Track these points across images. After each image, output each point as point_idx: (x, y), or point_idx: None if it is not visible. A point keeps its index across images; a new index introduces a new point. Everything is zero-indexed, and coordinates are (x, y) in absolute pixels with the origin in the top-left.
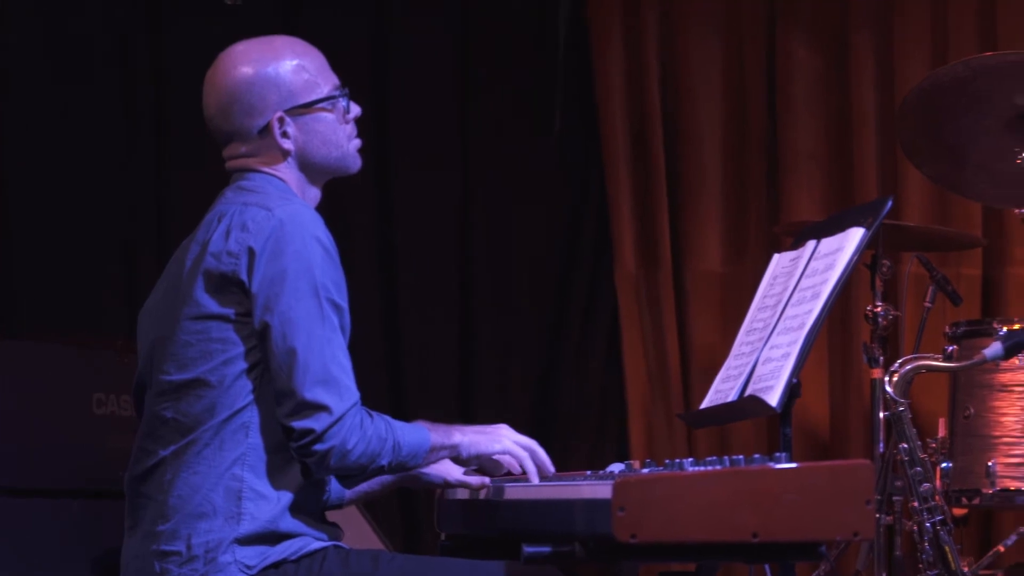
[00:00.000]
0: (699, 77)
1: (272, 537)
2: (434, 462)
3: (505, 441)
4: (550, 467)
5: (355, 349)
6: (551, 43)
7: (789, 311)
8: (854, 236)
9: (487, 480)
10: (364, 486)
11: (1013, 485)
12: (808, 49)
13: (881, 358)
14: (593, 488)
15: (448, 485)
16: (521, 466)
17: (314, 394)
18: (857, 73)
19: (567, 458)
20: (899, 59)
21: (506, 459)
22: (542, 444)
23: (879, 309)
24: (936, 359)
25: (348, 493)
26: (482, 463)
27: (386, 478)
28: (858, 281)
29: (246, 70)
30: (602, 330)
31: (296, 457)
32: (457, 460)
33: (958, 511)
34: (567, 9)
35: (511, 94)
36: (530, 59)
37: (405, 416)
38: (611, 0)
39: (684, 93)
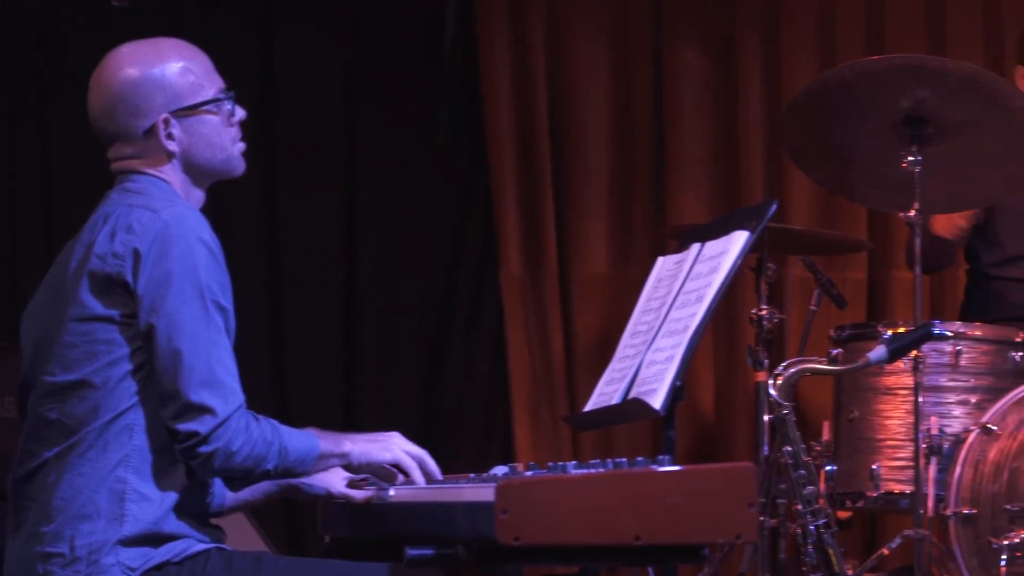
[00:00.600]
0: (586, 81)
1: (155, 539)
2: (323, 470)
3: (396, 450)
4: (438, 477)
5: (240, 351)
6: (438, 46)
7: (673, 314)
8: (738, 239)
9: (371, 494)
10: (245, 494)
11: (897, 488)
12: (695, 53)
13: (766, 361)
14: (476, 491)
15: (331, 497)
16: (408, 476)
17: (199, 396)
18: (744, 76)
19: (452, 461)
20: (786, 62)
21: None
22: (428, 446)
23: (764, 312)
24: (821, 362)
25: (228, 501)
26: (373, 471)
27: (268, 487)
28: (743, 284)
29: (132, 71)
30: (488, 333)
31: (181, 459)
32: (348, 468)
33: (842, 514)
34: (454, 14)
35: (398, 97)
36: (417, 62)
37: (290, 417)
38: (498, 5)
39: (571, 97)
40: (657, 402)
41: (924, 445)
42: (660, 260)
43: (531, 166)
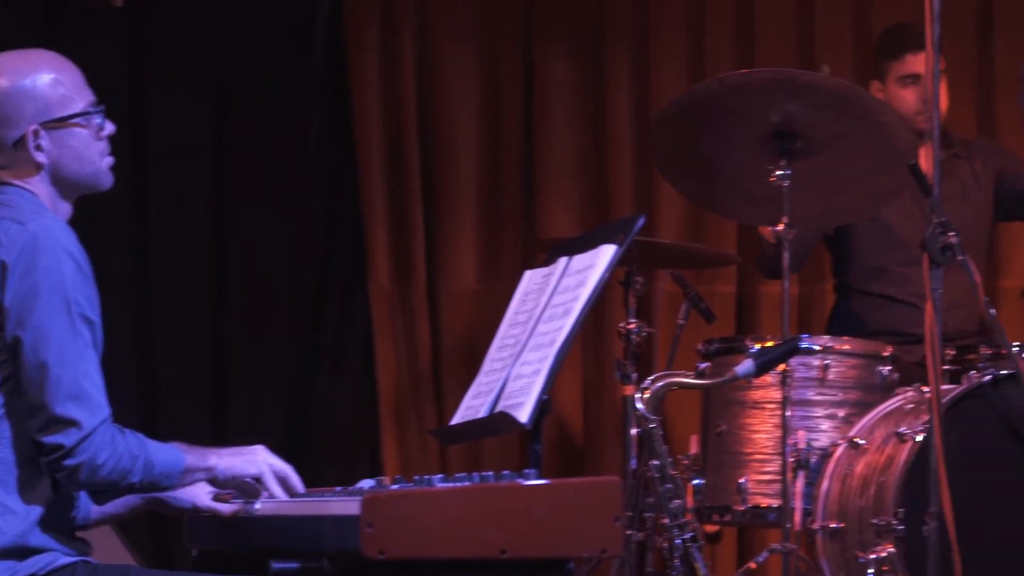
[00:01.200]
0: (456, 93)
1: (20, 552)
2: (190, 484)
3: (260, 464)
4: (301, 491)
5: (108, 365)
6: (309, 59)
7: (540, 328)
8: (605, 253)
9: (238, 507)
10: (110, 507)
11: (764, 502)
12: (565, 65)
13: (634, 375)
14: (342, 504)
15: (197, 510)
16: (270, 491)
17: (65, 409)
18: (614, 89)
19: (320, 474)
20: (656, 75)
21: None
22: (296, 459)
23: (632, 326)
24: (688, 376)
25: (94, 514)
26: (239, 485)
27: (134, 501)
28: (612, 298)
29: (2, 82)
30: (356, 345)
31: (46, 472)
32: (214, 482)
33: (710, 528)
34: (324, 23)
35: (268, 109)
36: (288, 74)
37: (158, 428)
38: (367, 15)
39: (441, 109)
40: (523, 416)
41: (792, 459)
42: (527, 274)
43: (400, 178)
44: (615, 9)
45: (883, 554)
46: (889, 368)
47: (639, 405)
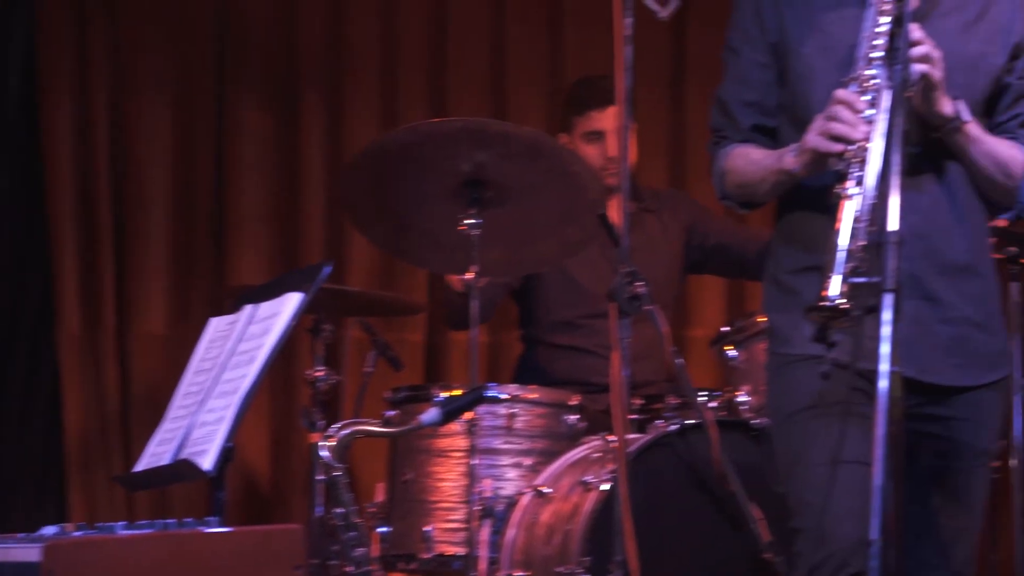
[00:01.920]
0: (149, 139)
1: None
2: None
3: None
4: None
5: None
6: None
7: (226, 375)
8: (291, 301)
9: None
10: None
11: (450, 550)
12: (258, 111)
13: (321, 422)
14: (24, 551)
15: None
16: None
17: None
18: (306, 135)
19: (6, 521)
20: (348, 122)
21: None
22: None
23: (320, 373)
24: (374, 424)
25: None
26: None
27: None
28: (300, 345)
29: None
30: (44, 391)
31: None
32: None
33: None
34: (17, 68)
35: None
36: None
37: None
38: (61, 60)
39: (133, 155)
40: (207, 463)
41: (477, 507)
42: (213, 321)
43: (91, 222)
44: (308, 56)
45: None
46: (576, 417)
47: (324, 453)
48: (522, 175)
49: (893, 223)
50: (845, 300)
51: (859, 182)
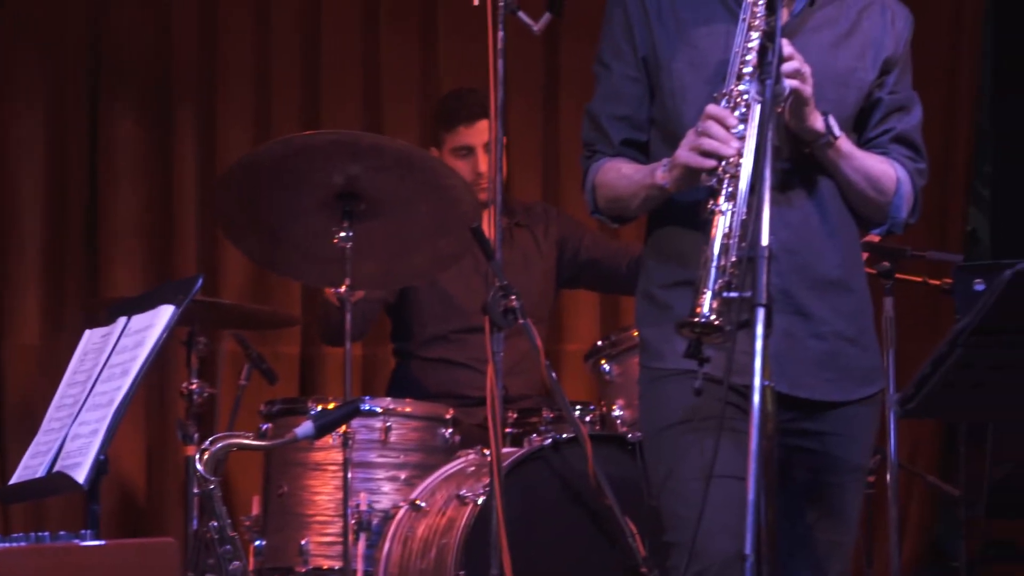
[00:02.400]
0: (19, 149)
1: None
2: None
3: None
4: None
5: None
6: None
7: (99, 387)
8: (164, 313)
9: None
10: None
11: (326, 564)
12: (131, 122)
13: (196, 435)
14: None
15: None
16: None
17: None
18: (179, 147)
19: None
20: (222, 134)
21: None
22: None
23: (194, 386)
24: (248, 437)
25: None
26: None
27: None
28: (175, 358)
29: None
30: None
31: None
32: None
33: None
34: None
35: None
36: None
37: None
38: None
39: (5, 164)
40: (80, 476)
41: (353, 521)
42: (87, 333)
43: None
44: (182, 67)
45: None
46: (451, 430)
47: (199, 466)
48: (395, 188)
49: (764, 238)
50: (717, 316)
51: (730, 198)
